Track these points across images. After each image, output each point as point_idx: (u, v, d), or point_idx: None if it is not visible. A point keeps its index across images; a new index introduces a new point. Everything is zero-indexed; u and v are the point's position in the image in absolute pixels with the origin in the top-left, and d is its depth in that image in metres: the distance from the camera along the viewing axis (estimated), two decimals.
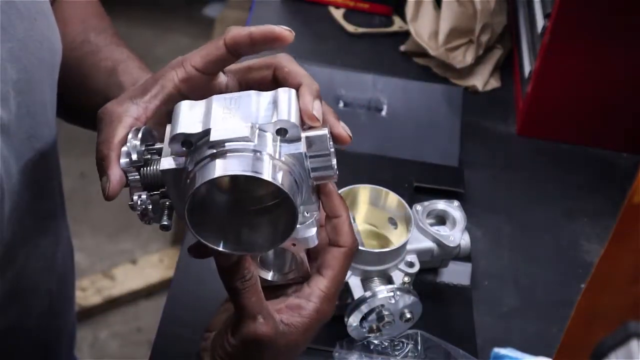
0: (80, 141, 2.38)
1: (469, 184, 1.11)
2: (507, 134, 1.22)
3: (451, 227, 0.95)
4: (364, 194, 0.93)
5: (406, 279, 0.89)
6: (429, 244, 0.93)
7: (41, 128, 0.77)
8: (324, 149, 0.65)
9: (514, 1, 1.35)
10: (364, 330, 0.88)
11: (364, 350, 0.88)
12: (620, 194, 0.62)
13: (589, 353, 0.50)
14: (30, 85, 0.74)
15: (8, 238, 0.74)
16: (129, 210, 0.68)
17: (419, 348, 0.89)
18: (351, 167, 1.02)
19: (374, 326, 0.88)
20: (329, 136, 0.65)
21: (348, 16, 1.37)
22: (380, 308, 0.86)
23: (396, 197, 0.92)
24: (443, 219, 0.96)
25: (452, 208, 0.96)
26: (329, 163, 0.66)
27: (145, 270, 2.15)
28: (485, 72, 1.28)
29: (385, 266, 0.88)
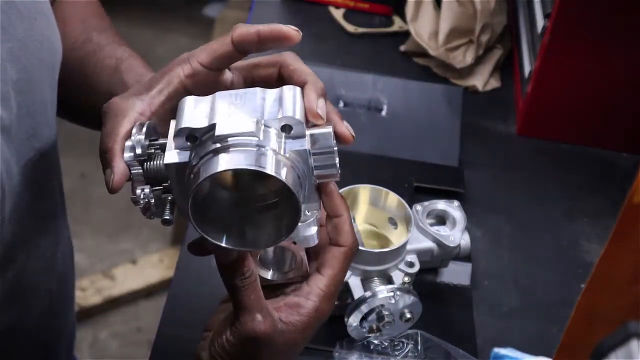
0: (80, 141, 2.38)
1: (469, 184, 1.11)
2: (507, 134, 1.22)
3: (451, 227, 0.95)
4: (364, 194, 0.93)
5: (406, 279, 0.89)
6: (429, 244, 0.93)
7: (41, 128, 0.77)
8: (328, 146, 0.65)
9: (514, 1, 1.35)
10: (364, 330, 0.88)
11: (364, 350, 0.88)
12: (620, 194, 0.62)
13: (589, 353, 0.50)
14: (30, 85, 0.74)
15: (8, 238, 0.74)
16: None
17: (419, 348, 0.89)
18: (351, 167, 1.02)
19: (374, 326, 0.88)
20: (333, 134, 0.65)
21: (348, 16, 1.37)
22: (380, 308, 0.86)
23: (396, 197, 0.92)
24: (443, 219, 0.96)
25: (452, 208, 0.96)
26: (332, 161, 0.66)
27: (145, 270, 2.15)
28: (485, 72, 1.28)
29: (385, 266, 0.88)
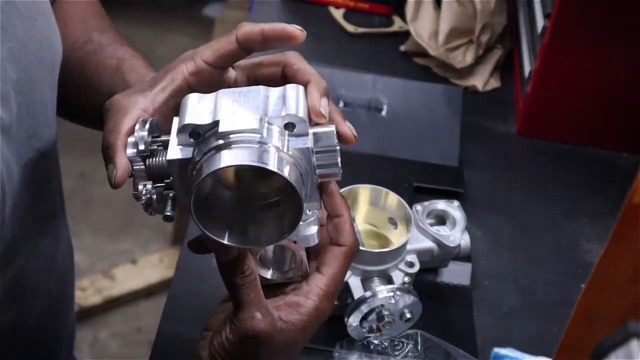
0: (80, 141, 2.38)
1: (469, 184, 1.11)
2: (507, 134, 1.22)
3: (451, 227, 0.95)
4: (364, 194, 0.93)
5: (406, 279, 0.89)
6: (429, 244, 0.93)
7: (41, 128, 0.77)
8: (331, 145, 0.65)
9: (514, 1, 1.35)
10: (364, 330, 0.88)
11: (364, 350, 0.88)
12: (620, 194, 0.62)
13: (589, 353, 0.50)
14: (30, 85, 0.74)
15: (8, 238, 0.74)
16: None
17: (419, 348, 0.89)
18: (351, 167, 1.01)
19: (374, 326, 0.88)
20: (335, 133, 0.66)
21: (348, 16, 1.37)
22: (380, 308, 0.86)
23: (396, 197, 0.92)
24: (443, 219, 0.96)
25: (452, 208, 0.96)
26: (334, 160, 0.66)
27: (145, 270, 2.15)
28: (485, 72, 1.28)
29: (385, 266, 0.88)
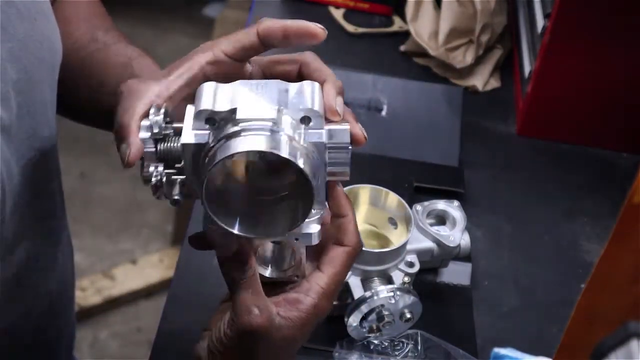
0: (80, 141, 2.39)
1: (469, 184, 1.11)
2: (507, 134, 1.22)
3: (451, 227, 0.95)
4: (364, 194, 0.93)
5: (406, 279, 0.89)
6: (429, 244, 0.93)
7: (41, 128, 0.77)
8: (344, 143, 0.66)
9: (514, 1, 1.35)
10: (364, 330, 0.88)
11: (364, 350, 0.88)
12: (620, 194, 0.62)
13: (589, 353, 0.50)
14: (30, 85, 0.74)
15: (8, 238, 0.74)
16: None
17: (419, 348, 0.89)
18: (351, 167, 1.02)
19: (374, 326, 0.88)
20: (349, 132, 0.66)
21: (348, 16, 1.37)
22: (380, 308, 0.86)
23: (396, 197, 0.92)
24: (443, 219, 0.96)
25: (452, 208, 0.96)
26: (345, 158, 0.66)
27: (145, 270, 2.15)
28: (485, 72, 1.28)
29: (385, 266, 0.88)
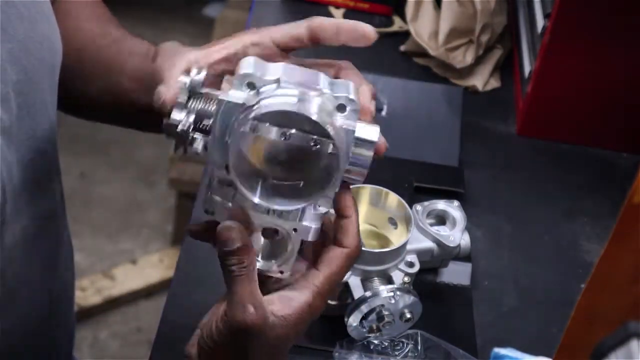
0: (80, 141, 2.39)
1: (469, 184, 1.11)
2: (507, 134, 1.22)
3: (451, 227, 0.95)
4: (364, 194, 0.93)
5: (406, 279, 0.89)
6: (429, 244, 0.93)
7: (42, 129, 0.77)
8: (371, 140, 0.66)
9: (514, 1, 1.34)
10: (364, 330, 0.88)
11: (364, 350, 0.88)
12: (620, 194, 0.62)
13: (589, 353, 0.50)
14: (30, 86, 0.74)
15: (8, 239, 0.74)
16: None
17: (419, 348, 0.89)
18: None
19: (374, 326, 0.88)
20: (379, 132, 0.67)
21: (348, 16, 1.37)
22: (380, 308, 0.86)
23: (396, 197, 0.92)
24: (443, 219, 0.96)
25: (452, 208, 0.96)
26: (368, 158, 0.67)
27: (145, 270, 2.15)
28: (485, 72, 1.28)
29: (385, 266, 0.88)
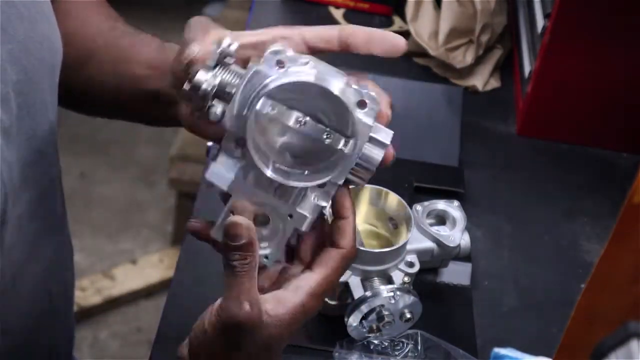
0: (80, 141, 2.39)
1: (469, 184, 1.11)
2: (507, 134, 1.22)
3: (451, 227, 0.95)
4: (364, 194, 0.93)
5: (406, 279, 0.89)
6: (429, 244, 0.93)
7: (42, 129, 0.77)
8: (384, 142, 0.69)
9: (514, 1, 1.34)
10: (364, 330, 0.88)
11: (364, 350, 0.88)
12: (620, 194, 0.62)
13: (589, 353, 0.50)
14: (30, 86, 0.74)
15: (8, 239, 0.74)
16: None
17: (419, 348, 0.89)
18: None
19: (374, 326, 0.88)
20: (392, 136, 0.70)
21: (348, 16, 1.37)
22: (380, 308, 0.86)
23: (396, 197, 0.92)
24: (443, 219, 0.96)
25: (452, 208, 0.96)
26: (376, 159, 0.69)
27: (145, 270, 2.15)
28: (485, 72, 1.28)
29: (385, 266, 0.88)
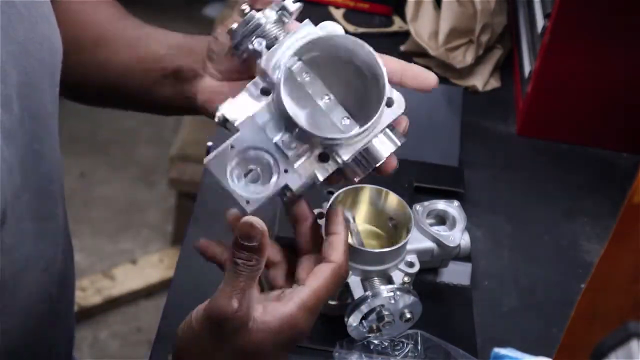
0: (80, 141, 2.39)
1: (469, 184, 1.11)
2: (507, 134, 1.22)
3: (451, 227, 0.95)
4: (364, 194, 0.93)
5: (406, 279, 0.89)
6: (429, 244, 0.93)
7: (43, 130, 0.77)
8: (397, 139, 0.75)
9: (514, 1, 1.35)
10: (364, 330, 0.88)
11: (364, 350, 0.88)
12: (620, 194, 0.62)
13: (589, 353, 0.50)
14: (31, 87, 0.74)
15: (8, 240, 0.74)
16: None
17: (419, 348, 0.89)
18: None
19: (374, 326, 0.88)
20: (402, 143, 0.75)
21: (348, 16, 1.37)
22: (380, 308, 0.86)
23: (396, 197, 0.92)
24: (443, 219, 0.96)
25: (452, 208, 0.96)
26: (384, 154, 0.74)
27: (145, 270, 2.15)
28: (485, 72, 1.28)
29: (385, 266, 0.88)
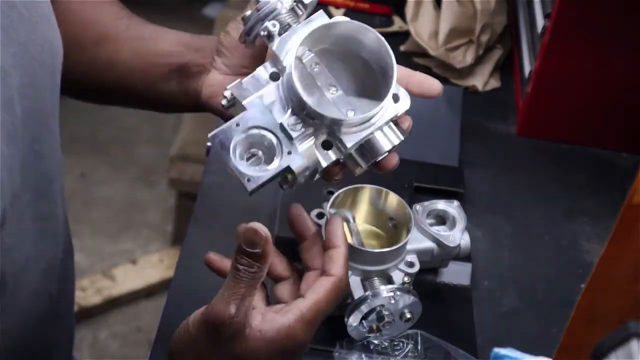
0: (80, 141, 2.39)
1: (469, 184, 1.11)
2: (507, 134, 1.22)
3: (451, 227, 0.95)
4: (364, 194, 0.93)
5: (406, 279, 0.89)
6: (429, 244, 0.93)
7: (44, 130, 0.77)
8: (400, 134, 0.76)
9: (514, 1, 1.34)
10: (364, 330, 0.88)
11: (364, 350, 0.88)
12: (620, 194, 0.62)
13: (589, 353, 0.50)
14: (33, 89, 0.74)
15: (8, 241, 0.74)
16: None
17: (419, 348, 0.89)
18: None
19: (374, 326, 0.88)
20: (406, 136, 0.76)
21: (348, 16, 1.36)
22: (380, 308, 0.86)
23: (396, 197, 0.92)
24: (443, 219, 0.96)
25: (452, 208, 0.96)
26: (386, 149, 0.75)
27: (145, 270, 2.15)
28: (485, 72, 1.28)
29: (385, 266, 0.88)
